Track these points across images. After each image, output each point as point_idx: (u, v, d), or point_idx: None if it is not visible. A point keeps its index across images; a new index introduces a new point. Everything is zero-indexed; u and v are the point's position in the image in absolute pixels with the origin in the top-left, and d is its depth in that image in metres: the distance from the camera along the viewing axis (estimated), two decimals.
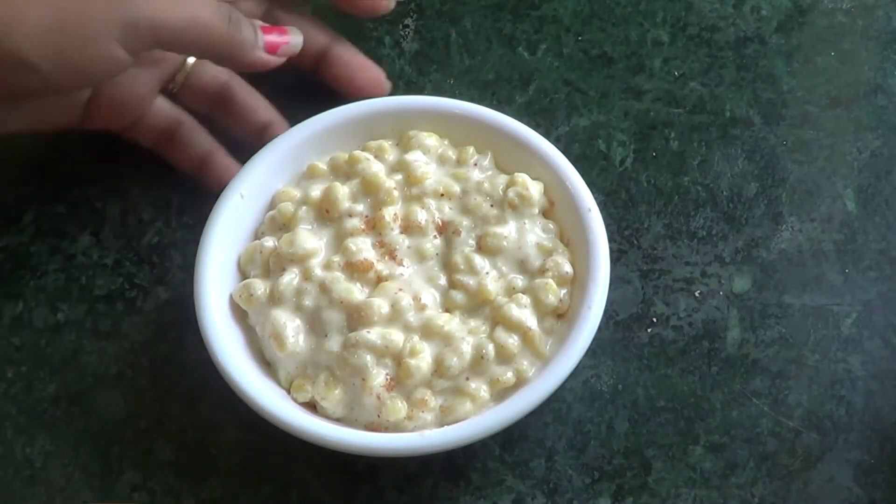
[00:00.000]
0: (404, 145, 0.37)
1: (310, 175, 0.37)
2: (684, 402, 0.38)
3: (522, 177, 0.36)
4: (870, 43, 0.45)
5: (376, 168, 0.36)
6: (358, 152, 0.37)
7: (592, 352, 0.39)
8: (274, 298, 0.34)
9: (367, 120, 0.37)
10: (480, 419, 0.33)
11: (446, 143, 0.38)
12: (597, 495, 0.37)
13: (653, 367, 0.39)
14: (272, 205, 0.37)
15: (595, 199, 0.37)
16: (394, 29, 0.46)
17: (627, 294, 0.40)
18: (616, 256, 0.41)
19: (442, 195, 0.36)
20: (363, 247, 0.35)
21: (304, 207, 0.36)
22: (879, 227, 0.41)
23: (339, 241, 0.35)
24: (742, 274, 0.41)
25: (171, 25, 0.34)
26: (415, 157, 0.36)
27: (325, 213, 0.36)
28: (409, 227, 0.35)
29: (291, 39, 0.38)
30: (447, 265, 0.35)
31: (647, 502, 0.37)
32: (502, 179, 0.36)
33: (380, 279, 0.34)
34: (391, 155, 0.37)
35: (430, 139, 0.37)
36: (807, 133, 0.43)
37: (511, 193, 0.36)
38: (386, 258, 0.35)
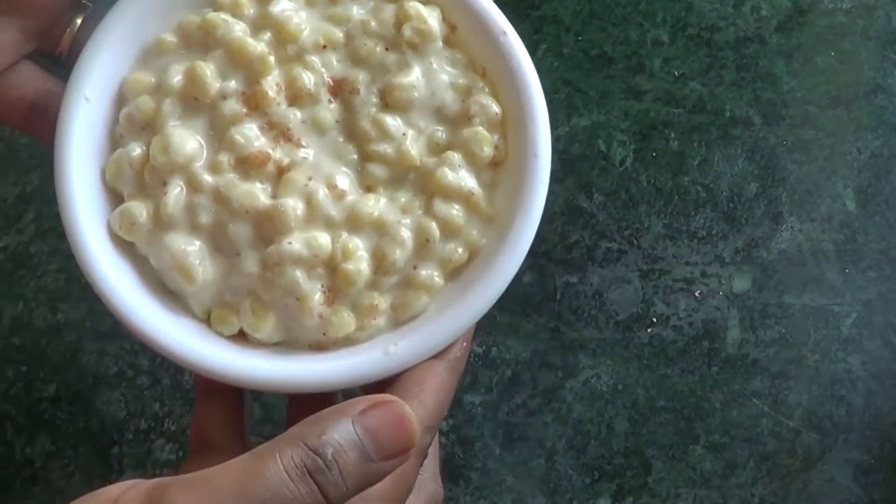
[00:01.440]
0: None
1: (159, 52, 0.30)
2: (684, 402, 0.39)
3: (414, 6, 0.30)
4: (870, 43, 0.45)
5: (238, 30, 0.29)
6: (211, 14, 0.30)
7: (592, 352, 0.40)
8: (162, 222, 0.28)
9: None
10: (449, 319, 0.28)
11: None
12: (597, 495, 0.37)
13: (653, 367, 0.39)
14: (123, 99, 0.30)
15: (595, 199, 0.38)
16: None
17: (627, 294, 0.40)
18: (616, 256, 0.41)
19: (324, 47, 0.30)
20: (251, 135, 0.29)
21: (166, 100, 0.29)
22: (879, 227, 0.42)
23: (218, 133, 0.29)
24: (742, 274, 0.41)
25: None
26: (280, 7, 0.30)
27: (194, 100, 0.29)
28: (296, 97, 0.29)
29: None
30: (353, 134, 0.29)
31: (647, 502, 0.37)
32: (389, 11, 0.30)
33: (281, 170, 0.29)
34: (250, 9, 0.30)
35: None
36: (807, 133, 0.44)
37: (407, 31, 0.29)
38: (281, 141, 0.29)
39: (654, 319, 0.40)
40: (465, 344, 0.28)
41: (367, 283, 0.28)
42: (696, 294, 0.41)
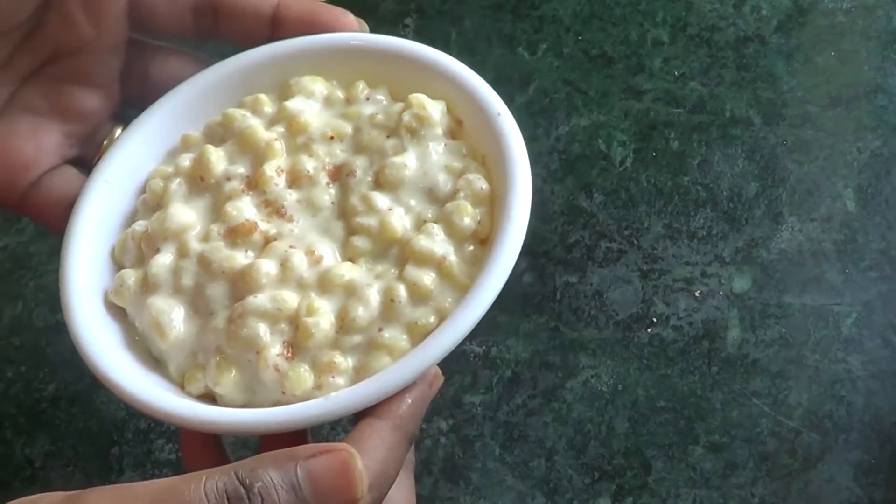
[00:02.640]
0: (285, 95, 0.32)
1: (183, 147, 0.32)
2: (684, 402, 0.38)
3: (418, 97, 0.31)
4: (870, 43, 0.45)
5: (252, 122, 0.31)
6: (232, 110, 0.32)
7: (592, 352, 0.39)
8: (148, 284, 0.29)
9: (242, 75, 0.32)
10: (394, 368, 0.28)
11: (334, 83, 0.32)
12: (597, 495, 0.37)
13: (653, 367, 0.39)
14: (145, 188, 0.32)
15: (595, 199, 0.38)
16: (394, 29, 0.46)
17: (627, 294, 0.40)
18: (616, 256, 0.41)
19: (331, 138, 0.31)
20: (244, 208, 0.30)
21: (176, 180, 0.31)
22: (879, 226, 0.41)
23: (217, 209, 0.30)
24: (742, 274, 0.41)
25: None
26: (296, 105, 0.31)
27: (200, 180, 0.31)
28: (296, 179, 0.30)
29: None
30: (344, 212, 0.30)
31: (647, 502, 0.37)
32: (398, 107, 0.31)
33: (267, 240, 0.29)
34: (270, 107, 0.32)
35: (316, 83, 0.32)
36: (807, 133, 0.44)
37: (406, 117, 0.30)
38: (273, 217, 0.30)
39: (654, 319, 0.40)
40: (410, 400, 0.27)
41: (329, 340, 0.28)
42: (696, 294, 0.41)
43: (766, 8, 0.46)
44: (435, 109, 0.31)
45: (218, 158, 0.31)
